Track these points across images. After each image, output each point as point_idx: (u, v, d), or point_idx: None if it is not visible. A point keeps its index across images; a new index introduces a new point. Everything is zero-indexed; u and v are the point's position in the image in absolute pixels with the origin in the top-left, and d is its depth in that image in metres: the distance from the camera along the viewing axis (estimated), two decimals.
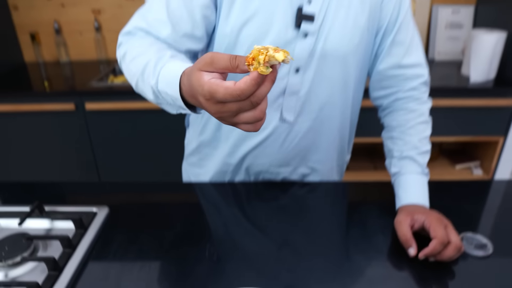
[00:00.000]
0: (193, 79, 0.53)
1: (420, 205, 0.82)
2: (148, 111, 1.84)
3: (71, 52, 2.37)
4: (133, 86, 0.75)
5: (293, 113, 0.87)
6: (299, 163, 0.97)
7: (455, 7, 2.19)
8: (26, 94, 1.87)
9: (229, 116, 0.52)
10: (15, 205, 0.88)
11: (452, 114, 1.87)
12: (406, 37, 0.88)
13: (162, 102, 0.68)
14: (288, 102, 0.86)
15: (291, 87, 0.84)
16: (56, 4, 2.26)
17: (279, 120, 0.88)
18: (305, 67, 0.83)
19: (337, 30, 0.81)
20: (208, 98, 0.51)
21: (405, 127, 0.90)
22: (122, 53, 0.76)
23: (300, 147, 0.93)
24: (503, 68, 1.92)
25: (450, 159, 2.24)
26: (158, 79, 0.64)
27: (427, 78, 0.93)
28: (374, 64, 0.92)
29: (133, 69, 0.71)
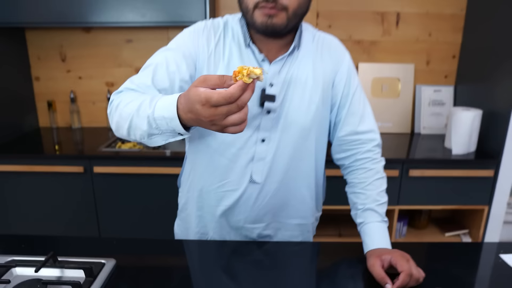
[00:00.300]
0: (191, 93, 0.68)
1: (384, 248, 0.95)
2: (150, 175, 1.97)
3: (83, 119, 2.55)
4: (124, 130, 0.84)
5: (261, 176, 1.03)
6: (271, 220, 1.10)
7: (436, 87, 2.41)
8: (39, 156, 2.00)
9: (220, 119, 0.67)
10: (31, 255, 0.96)
11: (438, 184, 1.99)
12: (359, 108, 1.06)
13: (154, 132, 0.78)
14: (256, 167, 1.02)
15: (258, 154, 1.01)
16: (74, 76, 2.48)
17: (250, 182, 1.03)
18: (269, 138, 1.00)
19: (295, 107, 0.99)
20: (204, 103, 0.65)
21: (365, 183, 1.05)
22: (115, 104, 0.89)
23: (271, 205, 1.07)
24: (482, 142, 2.08)
25: (440, 227, 2.32)
26: (155, 108, 0.76)
27: (379, 141, 1.09)
28: (334, 132, 1.10)
29: (128, 111, 0.83)
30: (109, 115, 0.91)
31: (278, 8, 0.88)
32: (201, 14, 2.03)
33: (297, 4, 0.90)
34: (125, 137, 0.88)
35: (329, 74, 1.04)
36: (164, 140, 0.81)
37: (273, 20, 0.89)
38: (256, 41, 0.99)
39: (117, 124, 0.87)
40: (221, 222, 1.10)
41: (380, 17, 2.36)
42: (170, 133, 0.77)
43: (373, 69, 2.40)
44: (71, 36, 2.41)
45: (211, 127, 0.70)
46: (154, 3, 2.04)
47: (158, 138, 0.80)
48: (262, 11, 0.89)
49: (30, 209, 2.08)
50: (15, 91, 2.34)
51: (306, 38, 1.03)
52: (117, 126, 0.87)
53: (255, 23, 0.92)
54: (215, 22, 1.03)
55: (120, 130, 0.87)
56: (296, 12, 0.91)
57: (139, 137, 0.83)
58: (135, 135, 0.83)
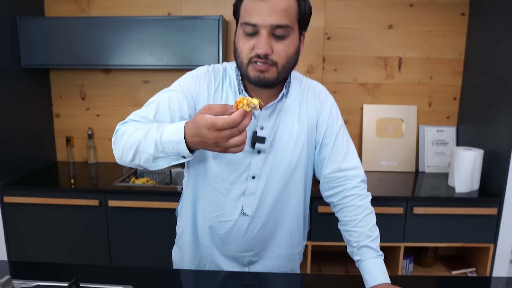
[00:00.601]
0: (198, 119, 0.80)
1: (383, 283, 1.01)
2: (162, 209, 2.05)
3: (99, 154, 2.66)
4: (129, 155, 0.93)
5: (251, 209, 1.12)
6: (261, 248, 1.19)
7: (439, 127, 2.50)
8: (58, 189, 2.10)
9: (223, 141, 0.79)
10: (54, 281, 1.03)
11: (443, 221, 2.03)
12: (342, 147, 1.15)
13: (159, 155, 0.88)
14: (247, 201, 1.12)
15: (249, 190, 1.11)
16: (92, 114, 2.62)
17: (241, 214, 1.12)
18: (259, 175, 1.11)
19: (283, 147, 1.11)
20: (210, 127, 0.77)
21: (356, 221, 1.11)
22: (121, 133, 0.97)
23: (260, 235, 1.16)
24: (485, 180, 2.14)
25: (446, 265, 2.33)
26: (163, 133, 0.86)
27: (364, 177, 1.16)
28: (320, 170, 1.18)
29: (135, 137, 0.92)
30: (114, 143, 0.99)
31: (269, 64, 0.99)
32: (214, 58, 2.18)
33: (285, 60, 1.01)
34: (128, 163, 0.96)
35: (313, 116, 1.15)
36: (167, 163, 0.90)
37: (265, 74, 1.00)
38: (249, 89, 1.10)
39: (123, 150, 0.95)
40: (214, 250, 1.19)
41: (383, 62, 2.49)
42: (174, 156, 0.88)
43: (377, 110, 2.51)
44: (92, 77, 2.57)
45: (214, 148, 0.81)
46: (171, 48, 2.20)
47: (162, 161, 0.90)
48: (254, 67, 1.00)
49: (46, 238, 2.15)
50: (37, 126, 2.47)
51: (294, 85, 1.15)
52: (122, 153, 0.96)
53: (248, 76, 1.02)
54: (215, 68, 1.15)
55: (124, 156, 0.95)
56: (285, 67, 1.02)
57: (144, 161, 0.92)
58: (139, 159, 0.92)
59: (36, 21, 2.23)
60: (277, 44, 0.99)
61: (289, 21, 0.98)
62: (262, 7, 0.96)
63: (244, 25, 0.99)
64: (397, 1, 2.43)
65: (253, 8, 0.97)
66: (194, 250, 1.22)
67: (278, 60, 1.00)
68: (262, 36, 0.97)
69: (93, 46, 2.23)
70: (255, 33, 0.98)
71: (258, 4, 0.96)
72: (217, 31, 2.15)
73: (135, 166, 0.97)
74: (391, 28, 2.46)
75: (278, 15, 0.96)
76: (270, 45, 0.98)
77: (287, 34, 0.99)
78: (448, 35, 2.45)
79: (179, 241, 1.28)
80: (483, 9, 2.27)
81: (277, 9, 0.96)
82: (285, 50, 1.00)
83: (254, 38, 0.99)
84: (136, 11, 2.48)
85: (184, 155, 0.86)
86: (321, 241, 2.07)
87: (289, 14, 0.98)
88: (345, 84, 2.53)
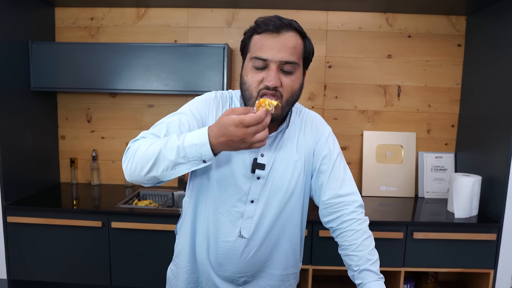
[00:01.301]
0: (223, 119, 0.89)
1: None
2: (164, 231, 2.07)
3: (102, 176, 2.69)
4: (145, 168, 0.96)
5: (248, 232, 1.16)
6: (256, 270, 1.21)
7: (437, 154, 2.55)
8: (62, 210, 2.12)
9: (249, 137, 0.89)
10: None
11: (442, 246, 2.05)
12: (339, 174, 1.20)
13: (180, 161, 0.93)
14: (245, 224, 1.16)
15: (247, 213, 1.15)
16: (97, 136, 2.67)
17: (238, 237, 1.16)
18: (257, 199, 1.15)
19: (280, 174, 1.15)
20: (238, 124, 0.87)
21: (356, 245, 1.13)
22: (134, 149, 1.01)
23: (256, 258, 1.18)
24: (483, 206, 2.17)
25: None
26: (185, 139, 0.93)
27: (361, 202, 1.20)
28: (318, 197, 1.22)
29: (154, 148, 0.96)
30: (126, 159, 1.03)
31: (278, 96, 1.05)
32: (219, 85, 2.25)
33: (290, 94, 1.07)
34: (141, 177, 0.99)
35: (310, 145, 1.20)
36: (187, 169, 0.95)
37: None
38: None
39: (137, 163, 0.98)
40: (210, 269, 1.21)
41: (383, 90, 2.57)
42: (195, 161, 0.94)
43: (377, 136, 2.56)
44: (98, 100, 2.64)
45: (241, 145, 0.90)
46: (177, 74, 2.27)
47: (182, 167, 0.95)
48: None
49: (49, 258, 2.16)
50: (42, 147, 2.51)
51: (293, 116, 1.21)
52: (135, 167, 0.99)
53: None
54: (223, 95, 1.21)
55: (138, 170, 0.98)
56: (288, 101, 1.08)
57: (162, 169, 0.96)
58: (157, 169, 0.96)
59: (46, 46, 2.31)
60: (285, 78, 1.05)
61: (296, 58, 1.06)
62: (273, 43, 1.03)
63: (254, 59, 1.05)
64: (396, 32, 2.52)
65: (264, 44, 1.04)
66: (191, 268, 1.24)
67: (284, 92, 1.06)
68: (272, 70, 1.03)
69: (101, 70, 2.30)
70: (264, 67, 1.05)
71: (270, 41, 1.04)
72: (222, 58, 2.23)
73: (147, 180, 1.00)
74: (390, 58, 2.54)
75: (287, 52, 1.03)
76: (279, 78, 1.04)
77: (294, 70, 1.06)
78: (445, 65, 2.54)
79: (176, 258, 1.30)
80: (477, 41, 2.36)
81: (287, 46, 1.04)
82: (291, 85, 1.07)
83: (263, 72, 1.05)
84: (144, 38, 2.57)
85: (206, 158, 0.93)
86: (322, 265, 2.08)
87: (297, 52, 1.06)
88: (345, 111, 2.59)
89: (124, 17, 2.57)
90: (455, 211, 2.11)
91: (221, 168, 1.13)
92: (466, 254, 2.06)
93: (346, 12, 2.52)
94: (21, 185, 2.29)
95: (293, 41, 1.05)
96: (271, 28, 1.03)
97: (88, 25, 2.58)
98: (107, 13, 2.57)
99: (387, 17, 2.52)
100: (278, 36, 1.04)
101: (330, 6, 2.45)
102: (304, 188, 1.21)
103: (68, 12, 2.57)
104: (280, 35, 1.04)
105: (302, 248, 1.31)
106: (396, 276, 2.12)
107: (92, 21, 2.58)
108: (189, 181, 1.23)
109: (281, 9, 2.48)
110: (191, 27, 2.56)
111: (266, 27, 1.04)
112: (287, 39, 1.04)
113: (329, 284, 2.42)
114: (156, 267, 2.12)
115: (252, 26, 1.09)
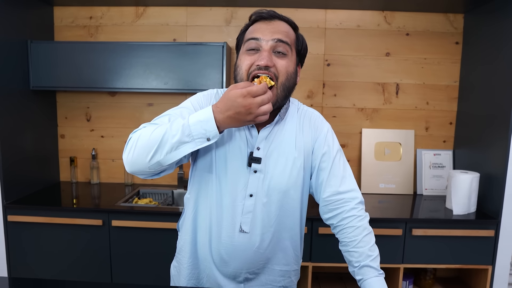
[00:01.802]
0: (230, 93, 0.94)
1: None
2: (164, 229, 2.08)
3: (102, 174, 2.70)
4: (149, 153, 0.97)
5: (249, 226, 1.16)
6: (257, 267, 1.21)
7: (436, 151, 2.56)
8: (62, 209, 2.12)
9: (255, 107, 0.93)
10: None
11: (441, 243, 2.06)
12: (339, 171, 1.20)
13: (184, 140, 0.96)
14: (245, 219, 1.16)
15: (246, 208, 1.16)
16: (96, 135, 2.67)
17: (239, 232, 1.16)
18: (256, 194, 1.16)
19: (280, 171, 1.16)
20: (245, 94, 0.92)
21: (356, 241, 1.15)
22: (135, 137, 1.02)
23: (257, 254, 1.19)
24: (481, 203, 2.18)
25: (446, 287, 2.34)
26: (189, 117, 0.96)
27: (361, 199, 1.21)
28: (319, 194, 1.22)
29: (158, 131, 0.98)
30: (127, 149, 1.03)
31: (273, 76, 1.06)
32: (218, 83, 2.25)
33: (285, 76, 1.09)
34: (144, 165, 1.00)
35: (309, 142, 1.20)
36: (191, 148, 0.97)
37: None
38: None
39: (140, 150, 0.99)
40: (212, 265, 1.21)
41: (381, 88, 2.58)
42: (199, 139, 0.96)
43: (376, 134, 2.58)
44: (97, 99, 2.64)
45: (247, 117, 0.94)
46: (176, 73, 2.27)
47: (187, 146, 0.97)
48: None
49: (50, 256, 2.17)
50: (42, 147, 2.51)
51: (291, 110, 1.22)
52: (138, 154, 0.99)
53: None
54: (223, 91, 1.22)
55: (142, 156, 0.99)
56: (284, 84, 1.09)
57: (166, 151, 0.97)
58: (161, 153, 0.97)
59: (46, 45, 2.31)
60: (278, 60, 1.08)
61: (289, 41, 1.09)
62: (266, 27, 1.08)
63: (247, 41, 1.08)
64: (394, 30, 2.53)
65: (257, 29, 1.09)
66: (192, 264, 1.25)
67: (279, 74, 1.07)
68: (264, 50, 1.06)
69: (100, 69, 2.31)
70: (257, 49, 1.07)
71: (262, 26, 1.09)
72: (221, 57, 2.24)
73: (149, 168, 1.00)
74: (389, 56, 2.55)
75: (279, 34, 1.08)
76: (271, 59, 1.06)
77: (287, 52, 1.09)
78: (443, 62, 2.55)
79: (179, 255, 1.30)
80: (475, 39, 2.37)
81: (279, 30, 1.08)
82: (286, 66, 1.08)
83: (255, 54, 1.07)
84: (143, 37, 2.57)
85: (211, 135, 0.96)
86: (322, 262, 2.09)
87: (289, 37, 1.10)
88: (344, 109, 2.60)
89: (123, 16, 2.57)
90: (453, 208, 2.12)
91: (219, 162, 1.14)
92: (464, 250, 2.07)
93: (345, 10, 2.53)
94: (21, 184, 2.29)
95: (285, 27, 1.10)
96: (264, 15, 1.09)
97: (87, 24, 2.58)
98: (106, 12, 2.57)
99: (385, 15, 2.53)
100: (271, 23, 1.09)
101: (329, 4, 2.46)
102: (303, 185, 1.21)
103: (67, 11, 2.58)
104: (272, 21, 1.09)
105: (302, 245, 1.32)
106: (395, 273, 2.14)
107: (91, 20, 2.58)
108: (190, 177, 1.24)
109: (280, 7, 2.49)
110: (190, 25, 2.56)
111: (260, 14, 1.09)
112: (279, 24, 1.09)
113: (328, 281, 2.44)
114: (156, 265, 2.13)
115: (247, 23, 1.14)
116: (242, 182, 1.15)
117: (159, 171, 1.04)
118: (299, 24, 1.19)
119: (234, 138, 1.14)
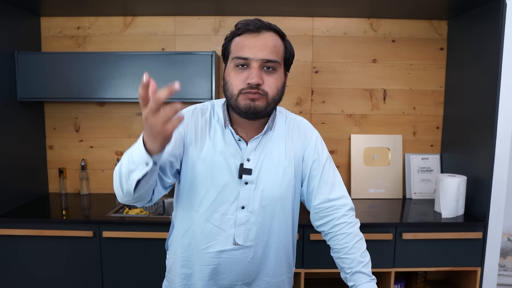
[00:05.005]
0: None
1: None
2: (155, 239, 2.07)
3: (91, 185, 2.68)
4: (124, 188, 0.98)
5: (242, 239, 1.16)
6: (252, 278, 1.21)
7: (423, 155, 2.60)
8: (52, 221, 2.10)
9: (149, 116, 0.82)
10: None
11: (431, 246, 2.09)
12: (329, 178, 1.22)
13: (131, 167, 0.93)
14: (238, 231, 1.16)
15: (239, 220, 1.16)
16: (86, 145, 2.66)
17: (233, 244, 1.16)
18: (247, 205, 1.16)
19: (271, 181, 1.16)
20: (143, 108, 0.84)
21: (348, 248, 1.16)
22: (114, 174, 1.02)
23: (251, 265, 1.19)
24: (469, 205, 2.22)
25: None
26: (133, 149, 0.93)
27: (351, 205, 1.22)
28: (309, 202, 1.24)
29: (120, 163, 0.98)
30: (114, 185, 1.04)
31: (260, 93, 1.07)
32: (207, 92, 2.27)
33: (275, 91, 1.10)
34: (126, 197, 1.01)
35: (298, 150, 1.21)
36: (138, 175, 0.93)
37: (256, 103, 1.07)
38: (235, 123, 1.17)
39: (115, 185, 1.01)
40: (206, 281, 1.19)
41: (369, 94, 2.61)
42: (140, 163, 0.91)
43: (364, 140, 2.61)
44: (86, 109, 2.63)
45: (151, 129, 0.85)
46: (165, 82, 2.22)
47: (134, 174, 0.93)
48: (246, 96, 1.07)
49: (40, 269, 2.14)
50: (30, 158, 2.49)
51: (279, 120, 1.22)
52: (117, 190, 1.01)
53: (238, 106, 1.08)
54: (204, 106, 1.22)
55: (119, 192, 1.01)
56: (274, 98, 1.10)
57: (125, 180, 0.96)
58: (126, 183, 0.97)
59: (33, 56, 2.30)
60: (267, 77, 1.08)
61: (277, 57, 1.09)
62: (254, 43, 1.06)
63: (236, 59, 1.07)
64: (380, 37, 2.58)
65: (245, 44, 1.07)
66: (185, 283, 1.22)
67: (268, 91, 1.08)
68: (254, 68, 1.06)
69: (89, 79, 2.30)
70: (246, 66, 1.07)
71: (250, 40, 1.07)
72: (210, 66, 2.25)
73: (131, 198, 1.01)
74: (375, 62, 2.59)
75: (267, 51, 1.06)
76: (261, 76, 1.06)
77: (276, 68, 1.09)
78: (429, 68, 2.60)
79: (169, 274, 1.28)
80: (458, 44, 2.42)
81: (267, 45, 1.07)
82: (275, 83, 1.09)
83: (245, 71, 1.07)
84: (131, 46, 2.57)
85: (144, 160, 0.90)
86: (314, 269, 2.10)
87: (277, 51, 1.09)
88: (333, 115, 2.63)
89: (111, 26, 2.57)
90: (442, 211, 2.16)
91: (206, 177, 1.13)
92: (454, 253, 2.10)
93: (331, 18, 2.56)
94: (8, 197, 2.26)
95: (273, 40, 1.08)
96: (251, 27, 1.07)
97: (75, 34, 2.58)
98: (93, 22, 2.57)
99: (371, 22, 2.57)
100: (258, 36, 1.07)
101: (316, 13, 2.49)
102: (294, 194, 1.22)
103: (54, 22, 2.57)
104: (260, 34, 1.07)
105: (294, 253, 1.32)
106: (386, 277, 2.16)
107: (79, 30, 2.57)
108: (175, 194, 1.23)
109: (268, 16, 2.51)
110: (179, 35, 2.58)
111: (246, 27, 1.07)
112: (267, 38, 1.07)
113: (321, 287, 2.45)
114: (148, 275, 2.11)
115: (232, 30, 1.12)
116: (233, 195, 1.14)
117: (145, 199, 1.05)
118: (286, 32, 1.21)
119: (221, 152, 1.14)
